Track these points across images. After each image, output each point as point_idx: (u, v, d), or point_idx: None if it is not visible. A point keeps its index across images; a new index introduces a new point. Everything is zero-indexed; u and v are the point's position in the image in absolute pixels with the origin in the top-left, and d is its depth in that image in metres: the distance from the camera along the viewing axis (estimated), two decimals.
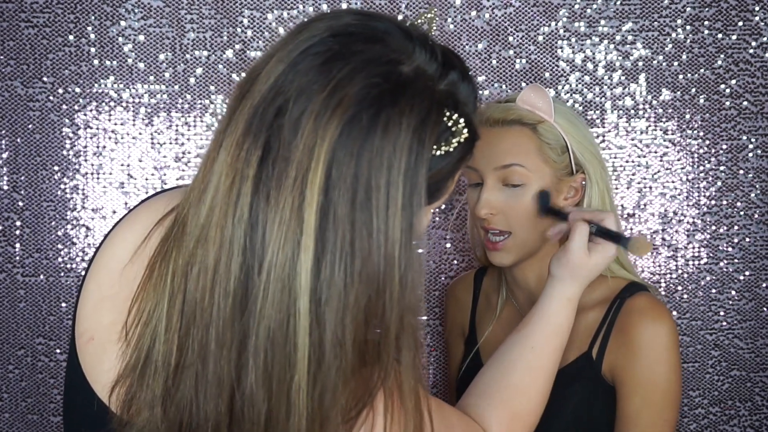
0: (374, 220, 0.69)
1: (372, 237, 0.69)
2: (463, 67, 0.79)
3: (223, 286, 0.70)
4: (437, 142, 0.73)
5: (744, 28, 1.65)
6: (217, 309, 0.71)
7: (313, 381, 0.70)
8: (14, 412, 1.65)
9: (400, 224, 0.70)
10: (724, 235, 1.68)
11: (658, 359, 1.14)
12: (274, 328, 0.69)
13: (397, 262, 0.70)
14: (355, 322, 0.70)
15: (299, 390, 0.70)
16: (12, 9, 1.60)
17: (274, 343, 0.69)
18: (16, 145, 1.63)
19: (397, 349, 0.73)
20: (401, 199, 0.69)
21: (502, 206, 1.20)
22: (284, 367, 0.70)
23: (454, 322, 1.47)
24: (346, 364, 0.71)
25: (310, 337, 0.69)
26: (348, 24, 0.74)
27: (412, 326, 0.73)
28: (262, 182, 0.69)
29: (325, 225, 0.68)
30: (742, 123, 1.67)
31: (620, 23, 1.65)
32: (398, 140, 0.69)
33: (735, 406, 1.70)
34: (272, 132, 0.69)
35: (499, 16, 1.65)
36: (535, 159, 1.19)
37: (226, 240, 0.70)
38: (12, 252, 1.64)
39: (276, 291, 0.69)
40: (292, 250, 0.68)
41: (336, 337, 0.69)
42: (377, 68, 0.71)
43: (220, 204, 0.71)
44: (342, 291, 0.69)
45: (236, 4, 1.63)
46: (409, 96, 0.71)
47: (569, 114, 1.23)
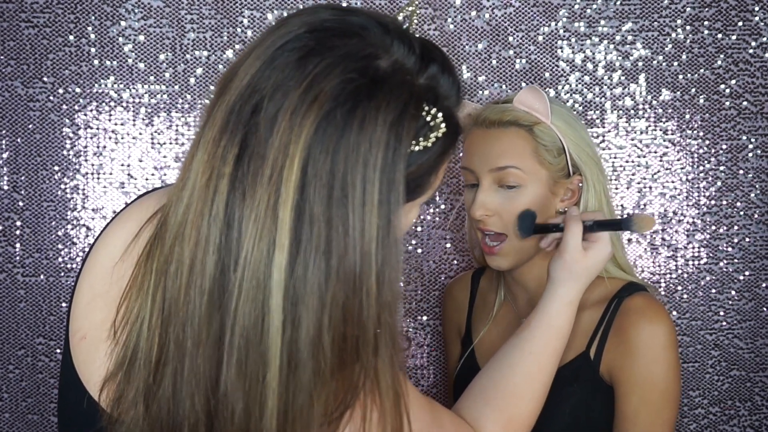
0: (350, 217, 0.68)
1: (348, 234, 0.68)
2: (444, 59, 0.78)
3: (198, 284, 0.70)
4: (415, 137, 0.72)
5: (744, 28, 1.65)
6: (193, 307, 0.71)
7: (286, 381, 0.69)
8: (14, 412, 1.65)
9: (377, 221, 0.69)
10: (724, 235, 1.68)
11: (655, 359, 1.14)
12: (249, 326, 0.69)
13: (374, 259, 0.69)
14: (333, 321, 0.69)
15: (270, 388, 0.69)
16: (12, 9, 1.61)
17: (248, 341, 0.69)
18: (16, 145, 1.63)
19: (375, 347, 0.72)
20: (377, 195, 0.69)
21: (498, 208, 1.20)
22: (258, 365, 0.69)
23: (451, 321, 1.47)
24: (325, 365, 0.70)
25: (283, 335, 0.68)
26: (324, 19, 0.73)
27: (390, 324, 0.72)
28: (238, 180, 0.69)
29: (301, 223, 0.67)
30: (741, 123, 1.67)
31: (620, 23, 1.65)
32: (374, 136, 0.68)
33: (735, 406, 1.70)
34: (249, 129, 0.69)
35: (499, 16, 1.65)
36: (531, 161, 1.19)
37: (201, 237, 0.70)
38: (12, 252, 1.64)
39: (250, 289, 0.68)
40: (267, 248, 0.68)
41: (311, 336, 0.69)
42: (353, 63, 0.70)
43: (197, 202, 0.71)
44: (318, 289, 0.68)
45: (236, 4, 1.63)
46: (386, 91, 0.70)
47: (567, 115, 1.23)
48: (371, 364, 0.72)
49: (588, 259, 1.07)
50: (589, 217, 1.11)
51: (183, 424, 0.73)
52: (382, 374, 0.74)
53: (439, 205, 1.68)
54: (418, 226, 1.68)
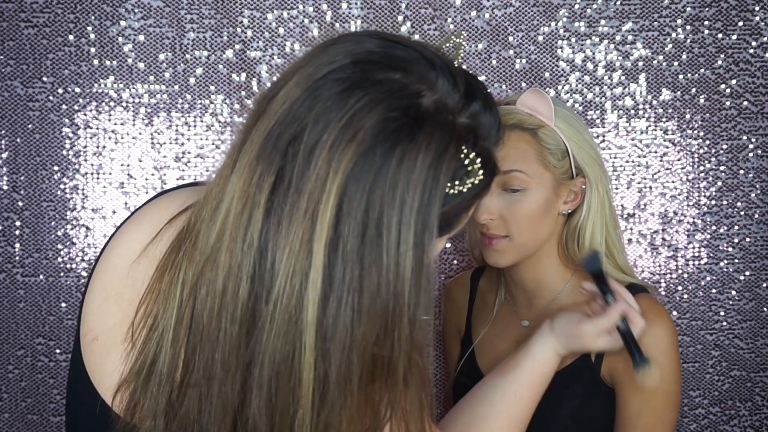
0: (384, 257, 0.67)
1: (381, 274, 0.68)
2: (487, 96, 0.77)
3: (230, 311, 0.70)
4: (452, 179, 0.71)
5: (744, 28, 1.65)
6: (223, 334, 0.70)
7: (317, 416, 0.69)
8: (14, 412, 1.65)
9: (411, 263, 0.68)
10: (725, 235, 1.68)
11: (657, 361, 1.14)
12: (279, 359, 0.69)
13: (407, 301, 0.69)
14: (361, 360, 0.69)
15: (303, 425, 0.69)
16: (12, 9, 1.60)
17: (279, 374, 0.69)
18: (15, 145, 1.63)
19: (405, 387, 0.72)
20: (413, 237, 0.68)
21: (502, 212, 1.19)
22: (288, 400, 0.69)
23: (450, 322, 1.47)
24: (351, 402, 0.70)
25: (314, 371, 0.68)
26: (369, 51, 0.72)
27: (420, 365, 0.72)
28: (273, 210, 0.68)
29: (334, 260, 0.67)
30: (742, 123, 1.67)
31: (620, 23, 1.65)
32: (412, 177, 0.68)
33: (735, 406, 1.70)
34: (286, 159, 0.69)
35: (499, 16, 1.65)
36: (536, 164, 1.18)
37: (234, 265, 0.69)
38: (12, 252, 1.64)
39: (282, 323, 0.68)
40: (300, 283, 0.67)
41: (341, 373, 0.68)
42: (396, 102, 0.69)
43: (231, 227, 0.70)
44: (349, 327, 0.68)
45: (236, 4, 1.63)
46: (427, 131, 0.69)
47: (570, 117, 1.23)
48: (398, 403, 0.72)
49: (593, 344, 1.08)
50: (632, 319, 1.07)
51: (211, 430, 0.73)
52: (411, 415, 0.73)
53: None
54: None
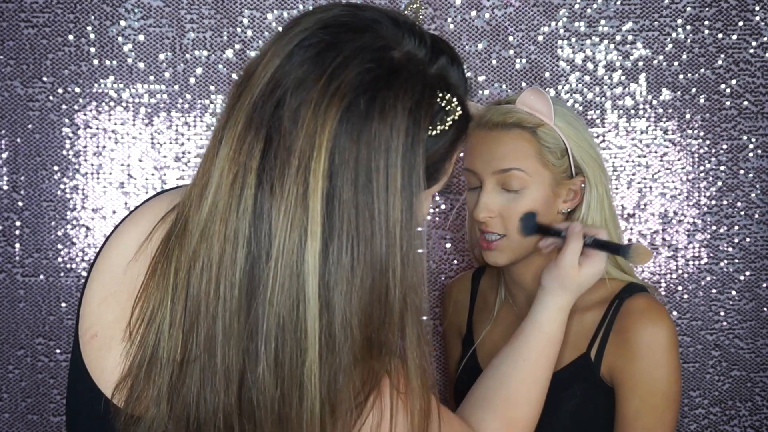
0: (375, 201, 0.71)
1: (374, 218, 0.71)
2: (452, 52, 0.81)
3: (228, 278, 0.72)
4: (432, 122, 0.76)
5: (744, 27, 1.65)
6: (223, 301, 0.72)
7: (326, 364, 0.71)
8: (14, 412, 1.65)
9: (401, 204, 0.72)
10: (725, 235, 1.68)
11: (656, 360, 1.14)
12: (284, 314, 0.70)
13: (399, 242, 0.72)
14: (361, 304, 0.71)
15: (312, 374, 0.71)
16: (12, 9, 1.60)
17: (284, 329, 0.71)
18: (15, 145, 1.63)
19: (402, 327, 0.74)
20: (400, 180, 0.72)
21: (500, 209, 1.19)
22: (295, 352, 0.71)
23: (451, 322, 1.47)
24: (355, 344, 0.72)
25: (320, 321, 0.70)
26: (337, 15, 0.77)
27: (416, 305, 0.75)
28: (265, 173, 0.71)
29: (331, 210, 0.70)
30: (742, 123, 1.67)
31: (620, 23, 1.65)
32: (395, 123, 0.72)
33: (735, 406, 1.70)
34: (273, 124, 0.71)
35: (499, 16, 1.64)
36: (535, 163, 1.18)
37: (230, 232, 0.71)
38: (12, 252, 1.64)
39: (285, 277, 0.70)
40: (299, 237, 0.70)
41: (345, 318, 0.71)
42: (369, 54, 0.73)
43: (223, 198, 0.72)
44: (349, 273, 0.70)
45: (236, 4, 1.63)
46: (402, 80, 0.73)
47: (569, 116, 1.23)
48: (397, 344, 0.74)
49: (580, 275, 1.10)
50: (591, 232, 1.13)
51: (214, 418, 0.74)
52: (410, 353, 0.75)
53: (439, 205, 1.68)
54: None
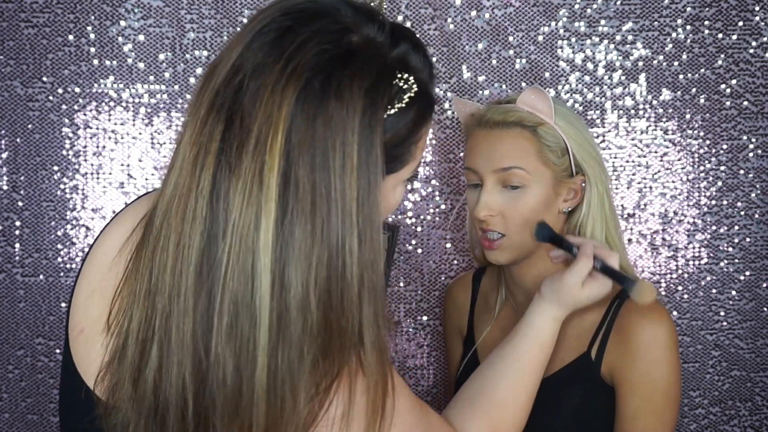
0: (331, 179, 0.72)
1: (330, 196, 0.72)
2: (415, 39, 0.82)
3: (186, 256, 0.73)
4: (390, 102, 0.77)
5: (744, 28, 1.65)
6: (179, 278, 0.73)
7: (276, 338, 0.72)
8: (14, 412, 1.65)
9: (357, 183, 0.73)
10: (725, 235, 1.68)
11: (657, 360, 1.14)
12: (238, 289, 0.71)
13: (355, 220, 0.73)
14: (318, 280, 0.72)
15: (261, 347, 0.72)
16: (12, 9, 1.60)
17: (238, 303, 0.72)
18: (15, 145, 1.63)
19: (359, 305, 0.74)
20: (357, 158, 0.73)
21: (501, 208, 1.20)
22: (248, 325, 0.72)
23: (452, 323, 1.47)
24: (312, 322, 0.72)
25: (272, 297, 0.71)
26: (297, 2, 0.78)
27: (373, 282, 0.75)
28: (224, 154, 0.72)
29: (287, 188, 0.71)
30: (742, 123, 1.67)
31: (620, 23, 1.65)
32: (351, 103, 0.73)
33: (735, 406, 1.70)
34: (233, 107, 0.73)
35: (499, 16, 1.64)
36: (535, 161, 1.19)
37: (189, 211, 0.73)
38: (12, 252, 1.64)
39: (240, 253, 0.71)
40: (254, 214, 0.71)
41: (301, 295, 0.71)
42: (327, 36, 0.75)
43: (184, 179, 0.74)
44: (304, 250, 0.71)
45: (236, 4, 1.63)
46: (359, 60, 0.75)
47: (569, 115, 1.23)
48: (356, 321, 0.75)
49: (581, 294, 1.10)
50: (603, 255, 1.12)
51: (170, 395, 0.75)
52: (366, 329, 0.75)
53: (439, 205, 1.68)
54: (418, 226, 1.68)
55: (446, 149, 1.67)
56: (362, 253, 0.74)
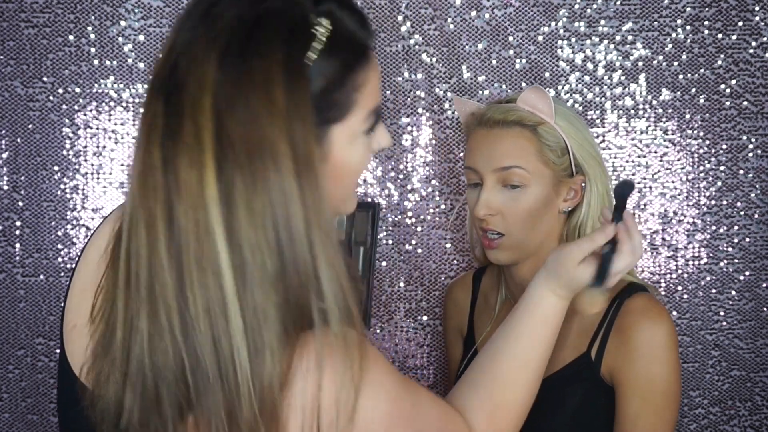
0: (261, 129, 0.74)
1: (263, 145, 0.74)
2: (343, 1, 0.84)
3: (155, 231, 0.75)
4: (309, 49, 0.78)
5: (744, 28, 1.65)
6: (153, 254, 0.75)
7: (243, 288, 0.74)
8: (14, 412, 1.65)
9: (286, 129, 0.75)
10: (724, 235, 1.68)
11: (656, 360, 1.14)
12: (198, 247, 0.74)
13: (291, 165, 0.74)
14: (267, 235, 0.74)
15: (232, 299, 0.73)
16: (12, 9, 1.60)
17: (202, 260, 0.74)
18: (16, 145, 1.63)
19: (311, 247, 0.75)
20: (282, 104, 0.75)
21: (501, 207, 1.20)
22: (215, 281, 0.74)
23: (452, 323, 1.47)
24: (269, 267, 0.74)
25: (228, 247, 0.74)
26: None
27: (320, 224, 0.76)
28: (168, 126, 0.76)
29: (222, 145, 0.74)
30: (742, 123, 1.67)
31: (620, 23, 1.65)
32: (270, 55, 0.76)
33: (735, 406, 1.70)
34: (170, 83, 0.77)
35: (499, 16, 1.65)
36: (535, 161, 1.19)
37: (149, 188, 0.76)
38: (12, 252, 1.64)
39: (193, 212, 0.74)
40: (197, 171, 0.74)
41: (252, 242, 0.74)
42: (247, 2, 0.78)
43: (141, 159, 0.77)
44: (247, 199, 0.74)
45: None
46: (276, 17, 0.78)
47: (570, 115, 1.23)
48: (310, 264, 0.75)
49: (574, 271, 1.02)
50: (624, 247, 1.01)
51: (163, 367, 0.76)
52: (322, 273, 0.76)
53: (439, 205, 1.68)
54: (418, 226, 1.68)
55: (446, 149, 1.67)
56: (304, 196, 0.75)
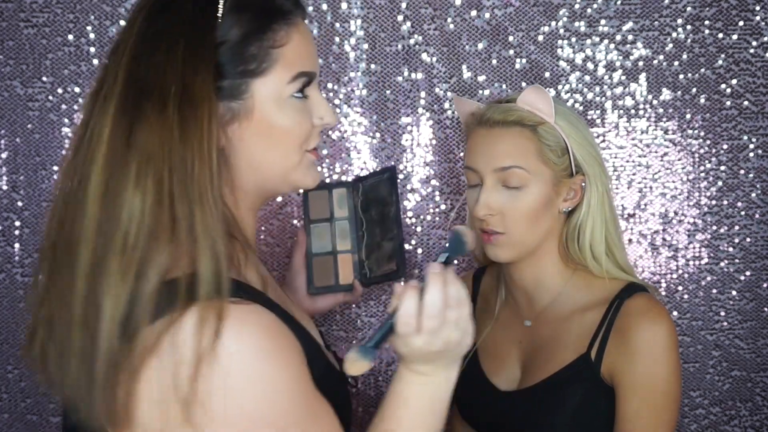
0: (156, 75, 0.81)
1: (154, 89, 0.80)
2: None
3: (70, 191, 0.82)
4: (215, 6, 0.85)
5: (744, 27, 1.65)
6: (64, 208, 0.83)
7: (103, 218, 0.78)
8: (14, 412, 1.65)
9: (181, 77, 0.80)
10: (725, 235, 1.68)
11: (656, 360, 1.14)
12: (72, 187, 0.82)
13: (178, 114, 0.79)
14: (145, 172, 0.78)
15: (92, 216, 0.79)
16: (12, 9, 1.60)
17: (71, 209, 0.81)
18: (15, 145, 1.63)
19: (187, 196, 0.78)
20: (181, 54, 0.81)
21: (501, 207, 1.20)
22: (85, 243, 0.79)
23: None
24: (146, 201, 0.78)
25: (101, 199, 0.79)
26: None
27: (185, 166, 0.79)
28: (98, 101, 0.83)
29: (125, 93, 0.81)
30: (742, 123, 1.67)
31: (620, 23, 1.65)
32: (179, 12, 0.84)
33: (735, 407, 1.70)
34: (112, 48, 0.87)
35: (499, 16, 1.64)
36: (535, 161, 1.19)
37: (71, 148, 0.84)
38: (11, 252, 1.64)
39: (86, 166, 0.80)
40: (102, 118, 0.81)
41: (132, 175, 0.78)
42: None
43: (79, 127, 0.85)
44: (128, 141, 0.79)
45: None
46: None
47: (570, 115, 1.23)
48: (186, 207, 0.78)
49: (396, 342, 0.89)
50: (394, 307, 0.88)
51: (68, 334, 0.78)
52: (197, 220, 0.78)
53: (439, 205, 1.68)
54: (418, 226, 1.68)
55: (446, 149, 1.67)
56: (186, 137, 0.79)
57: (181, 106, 0.79)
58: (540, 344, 1.25)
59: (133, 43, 0.83)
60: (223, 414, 0.74)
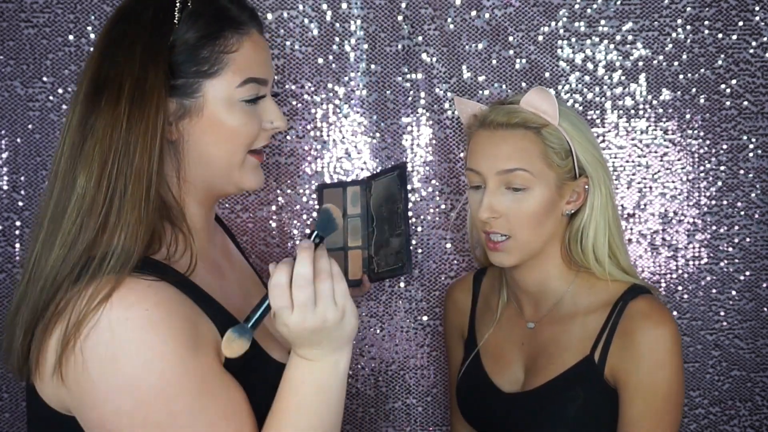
0: (115, 70, 0.90)
1: (111, 82, 0.90)
2: None
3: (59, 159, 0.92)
4: (171, 14, 0.93)
5: (744, 28, 1.65)
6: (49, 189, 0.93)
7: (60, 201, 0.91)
8: (14, 411, 1.65)
9: (137, 73, 0.89)
10: (725, 235, 1.68)
11: (660, 363, 1.14)
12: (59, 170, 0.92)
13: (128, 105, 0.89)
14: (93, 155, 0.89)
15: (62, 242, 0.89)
16: (12, 9, 1.60)
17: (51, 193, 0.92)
18: (15, 145, 1.63)
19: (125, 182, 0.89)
20: (138, 52, 0.90)
21: (505, 210, 1.19)
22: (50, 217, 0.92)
23: (453, 325, 1.46)
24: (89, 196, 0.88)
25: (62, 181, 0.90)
26: None
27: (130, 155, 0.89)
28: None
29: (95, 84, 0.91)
30: (742, 123, 1.67)
31: (620, 23, 1.65)
32: (142, 19, 0.92)
33: (735, 406, 1.70)
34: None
35: (499, 16, 1.64)
36: (539, 163, 1.18)
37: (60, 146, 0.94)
38: (12, 252, 1.64)
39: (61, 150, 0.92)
40: (72, 110, 0.92)
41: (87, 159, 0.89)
42: None
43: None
44: (102, 123, 0.89)
45: None
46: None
47: (573, 117, 1.23)
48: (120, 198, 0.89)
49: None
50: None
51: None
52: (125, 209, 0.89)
53: (439, 205, 1.68)
54: (418, 226, 1.68)
55: (446, 149, 1.67)
56: (131, 127, 0.88)
57: (132, 98, 0.89)
58: (543, 346, 1.25)
59: (102, 44, 0.93)
60: (102, 377, 0.83)
